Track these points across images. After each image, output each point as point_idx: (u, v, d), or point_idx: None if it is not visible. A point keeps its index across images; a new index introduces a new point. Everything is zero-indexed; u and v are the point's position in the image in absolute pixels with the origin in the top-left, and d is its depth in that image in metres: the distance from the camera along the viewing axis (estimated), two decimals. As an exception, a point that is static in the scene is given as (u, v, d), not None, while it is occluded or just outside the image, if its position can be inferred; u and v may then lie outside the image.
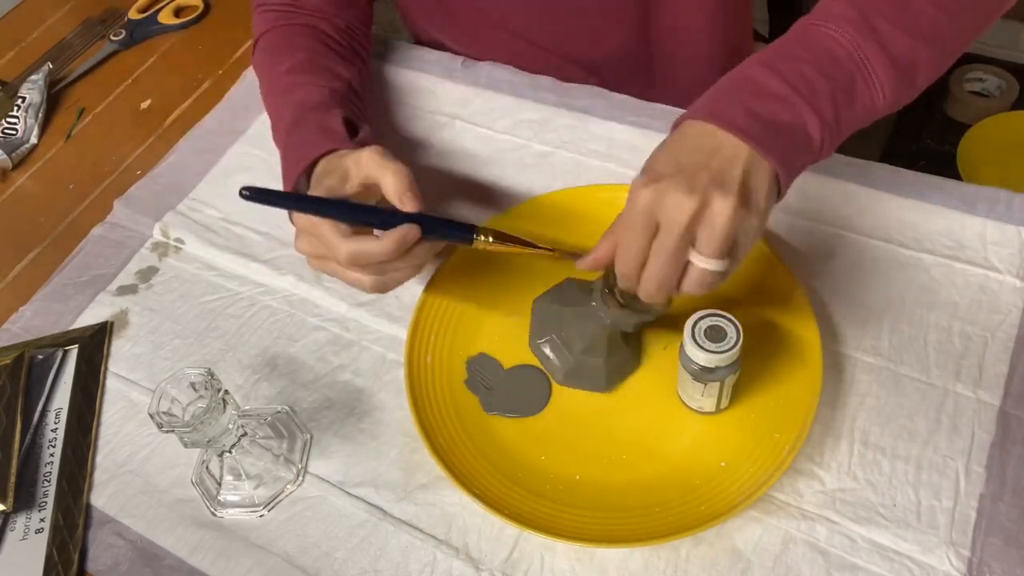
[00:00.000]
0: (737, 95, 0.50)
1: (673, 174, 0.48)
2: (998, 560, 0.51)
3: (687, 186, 0.47)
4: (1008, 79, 1.49)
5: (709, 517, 0.52)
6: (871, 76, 0.50)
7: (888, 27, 0.50)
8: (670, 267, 0.49)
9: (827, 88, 0.49)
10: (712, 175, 0.47)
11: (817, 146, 0.50)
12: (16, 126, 0.90)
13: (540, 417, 0.61)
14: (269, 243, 0.75)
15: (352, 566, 0.56)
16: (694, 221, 0.47)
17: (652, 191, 0.48)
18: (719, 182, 0.47)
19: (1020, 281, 0.62)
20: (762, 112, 0.49)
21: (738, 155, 0.48)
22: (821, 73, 0.50)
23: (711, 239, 0.47)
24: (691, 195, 0.47)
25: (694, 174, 0.47)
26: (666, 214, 0.48)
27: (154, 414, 0.52)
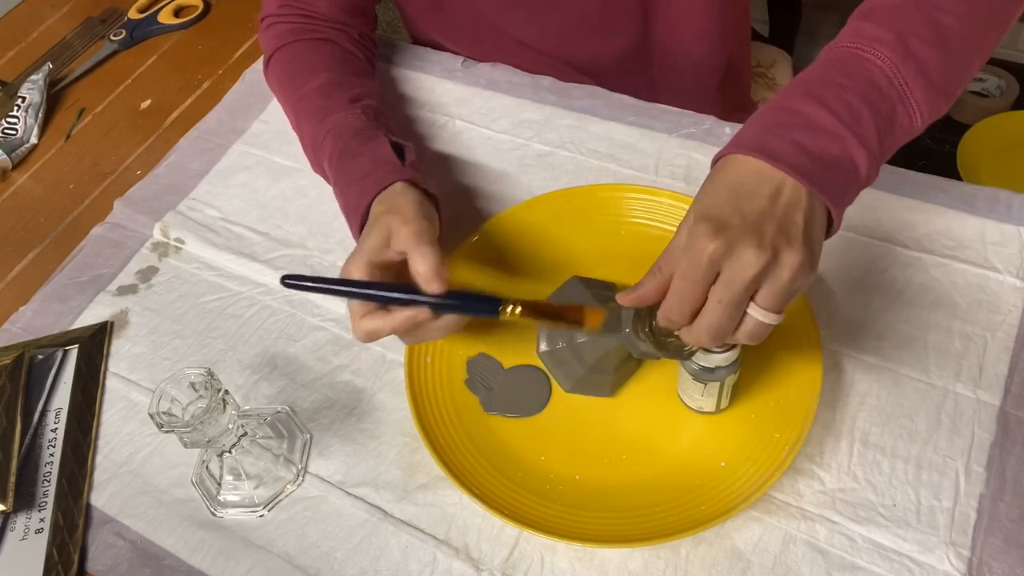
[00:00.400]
0: (785, 129, 0.49)
1: (741, 225, 0.46)
2: (998, 560, 0.51)
3: (757, 240, 0.45)
4: (1008, 79, 1.49)
5: (709, 517, 0.52)
6: (910, 101, 0.50)
7: (924, 48, 0.50)
8: (730, 319, 0.47)
9: (871, 117, 0.49)
10: (778, 226, 0.46)
11: (864, 178, 0.49)
12: (16, 126, 0.90)
13: (540, 417, 0.61)
14: (269, 243, 0.75)
15: (352, 566, 0.56)
16: (760, 274, 0.46)
17: (722, 244, 0.45)
18: (786, 234, 0.46)
19: (1020, 281, 0.62)
20: (813, 148, 0.48)
21: (799, 200, 0.47)
22: (864, 102, 0.49)
23: (774, 294, 0.46)
24: (761, 250, 0.45)
25: (761, 225, 0.46)
26: (733, 266, 0.46)
27: (154, 414, 0.52)
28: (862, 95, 0.49)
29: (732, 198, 0.47)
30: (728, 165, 0.49)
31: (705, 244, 0.46)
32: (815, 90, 0.50)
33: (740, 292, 0.46)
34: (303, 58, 0.75)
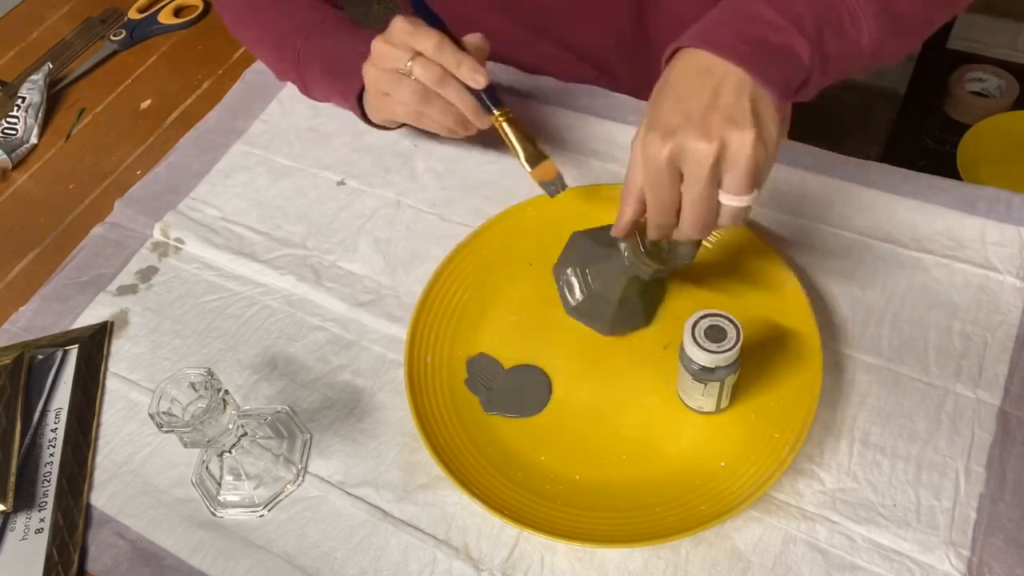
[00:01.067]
0: (729, 23, 0.51)
1: (686, 124, 0.48)
2: (998, 560, 0.51)
3: (702, 132, 0.48)
4: (1008, 79, 1.49)
5: (709, 517, 0.53)
6: (859, 15, 0.51)
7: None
8: (708, 211, 0.50)
9: (814, 17, 0.51)
10: (723, 114, 0.48)
11: (807, 67, 0.51)
12: (16, 126, 0.90)
13: (540, 417, 0.61)
14: (269, 243, 0.75)
15: (352, 566, 0.56)
16: (717, 164, 0.48)
17: (672, 145, 0.48)
18: (732, 120, 0.48)
19: (1020, 281, 0.62)
20: (753, 36, 0.50)
21: (742, 85, 0.49)
22: (809, 7, 0.51)
23: (737, 178, 0.49)
24: (710, 141, 0.48)
25: (706, 118, 0.48)
26: (688, 164, 0.49)
27: (154, 414, 0.52)
28: (809, 2, 0.51)
29: (676, 102, 0.50)
30: (675, 66, 0.52)
31: (657, 150, 0.49)
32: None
33: (705, 186, 0.49)
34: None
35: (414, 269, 0.70)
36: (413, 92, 0.63)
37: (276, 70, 0.80)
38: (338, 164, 0.79)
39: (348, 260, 0.72)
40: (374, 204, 0.76)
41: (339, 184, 0.78)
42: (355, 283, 0.71)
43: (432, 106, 0.64)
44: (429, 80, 0.62)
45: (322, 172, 0.79)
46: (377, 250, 0.72)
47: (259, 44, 0.80)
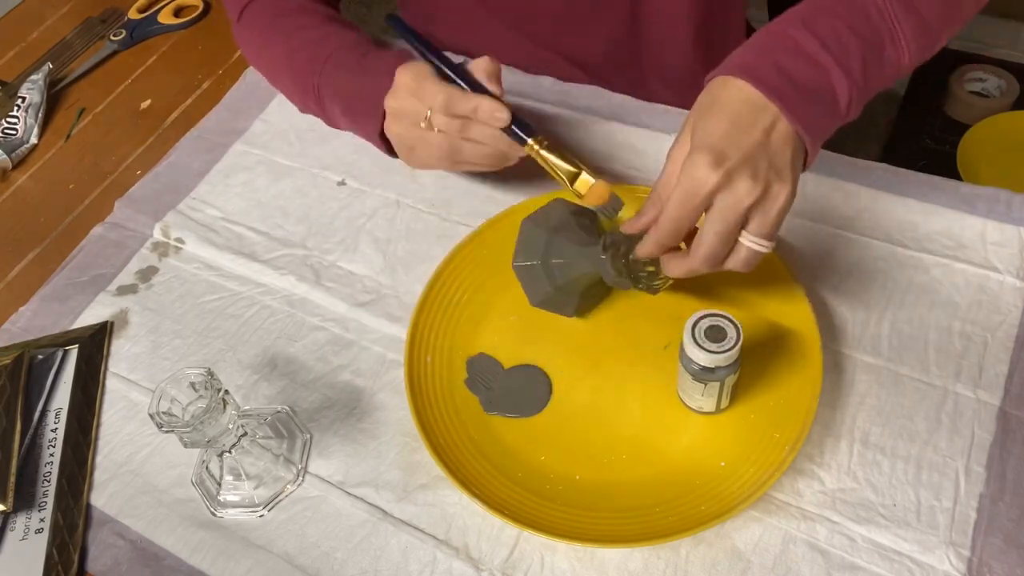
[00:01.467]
0: (771, 53, 0.51)
1: (738, 158, 0.48)
2: (998, 560, 0.51)
3: (752, 173, 0.48)
4: (1008, 79, 1.49)
5: (709, 517, 0.53)
6: (899, 35, 0.51)
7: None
8: (724, 246, 0.51)
9: (859, 47, 0.50)
10: (770, 161, 0.49)
11: (844, 110, 0.51)
12: (16, 126, 0.90)
13: (540, 417, 0.61)
14: (269, 243, 0.75)
15: (352, 566, 0.56)
16: (754, 206, 0.49)
17: (722, 176, 0.48)
18: (776, 169, 0.49)
19: (1020, 281, 0.62)
20: (795, 74, 0.50)
21: (789, 136, 0.49)
22: (854, 32, 0.51)
23: (766, 224, 0.49)
24: (756, 183, 0.48)
25: (756, 160, 0.49)
26: (728, 199, 0.49)
27: (154, 414, 0.52)
28: (852, 25, 0.51)
29: (730, 130, 0.49)
30: (720, 88, 0.51)
31: (706, 175, 0.48)
32: (808, 16, 0.52)
33: (734, 223, 0.49)
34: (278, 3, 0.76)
35: (414, 269, 0.70)
36: (440, 146, 0.62)
37: (298, 106, 0.78)
38: (338, 164, 0.80)
39: (348, 260, 0.72)
40: (374, 204, 0.76)
41: (339, 184, 0.78)
42: (355, 283, 0.71)
43: (463, 152, 0.63)
44: (452, 131, 0.61)
45: (322, 172, 0.79)
46: (377, 250, 0.72)
47: (278, 81, 0.79)
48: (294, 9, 0.76)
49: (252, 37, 0.79)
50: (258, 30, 0.78)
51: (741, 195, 0.48)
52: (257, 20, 0.77)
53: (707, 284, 0.65)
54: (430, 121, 0.61)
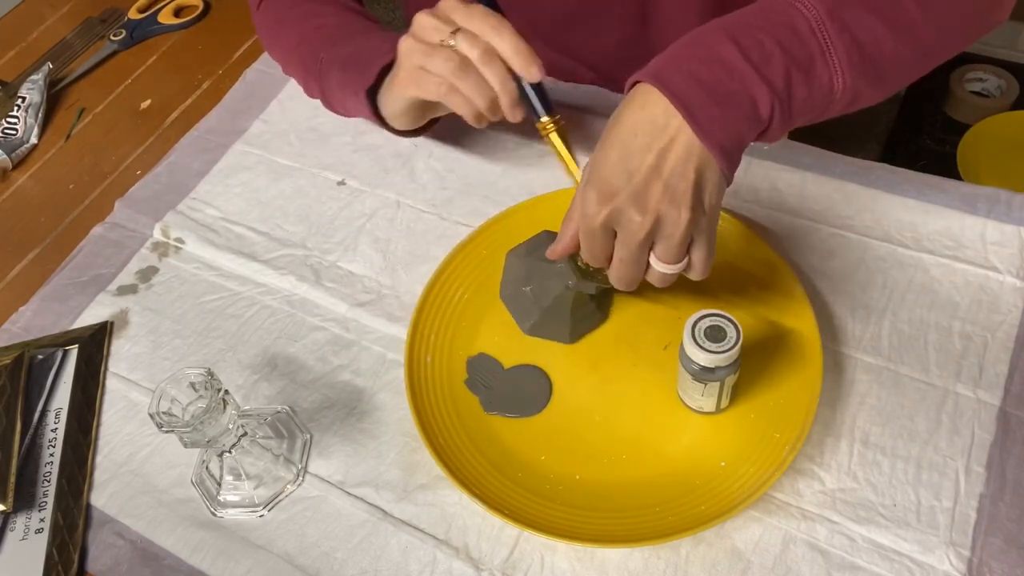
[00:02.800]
0: (687, 60, 0.49)
1: (626, 191, 0.48)
2: (998, 560, 0.51)
3: (641, 207, 0.48)
4: (1008, 79, 1.49)
5: (709, 517, 0.52)
6: (831, 57, 0.49)
7: (859, 12, 0.49)
8: (635, 270, 0.52)
9: (782, 59, 0.48)
10: (664, 184, 0.48)
11: (765, 119, 0.49)
12: (16, 126, 0.90)
13: (540, 417, 0.61)
14: (269, 243, 0.75)
15: (352, 566, 0.56)
16: (650, 235, 0.50)
17: (609, 212, 0.49)
18: (672, 194, 0.48)
19: (1020, 281, 0.62)
20: (710, 80, 0.48)
21: (690, 152, 0.47)
22: (779, 44, 0.48)
23: (667, 248, 0.50)
24: (644, 215, 0.48)
25: (647, 189, 0.48)
26: (622, 230, 0.50)
27: (154, 414, 0.52)
28: (777, 38, 0.48)
29: (621, 158, 0.49)
30: (629, 104, 0.50)
31: (594, 212, 0.50)
32: (730, 27, 0.50)
33: (635, 251, 0.50)
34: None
35: (414, 269, 0.70)
36: (449, 60, 0.58)
37: (305, 88, 0.77)
38: (338, 164, 0.80)
39: (348, 260, 0.72)
40: (374, 204, 0.76)
41: (339, 184, 0.78)
42: (355, 283, 0.71)
43: (467, 80, 0.58)
44: (473, 53, 0.58)
45: (322, 172, 0.79)
46: (377, 250, 0.72)
47: (288, 63, 0.79)
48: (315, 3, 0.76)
49: (269, 23, 0.79)
50: (276, 16, 0.78)
51: (633, 228, 0.49)
52: (278, 6, 0.78)
53: (707, 284, 0.64)
54: (455, 36, 0.58)
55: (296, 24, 0.76)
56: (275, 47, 0.80)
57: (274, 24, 0.78)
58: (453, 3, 0.60)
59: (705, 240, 0.51)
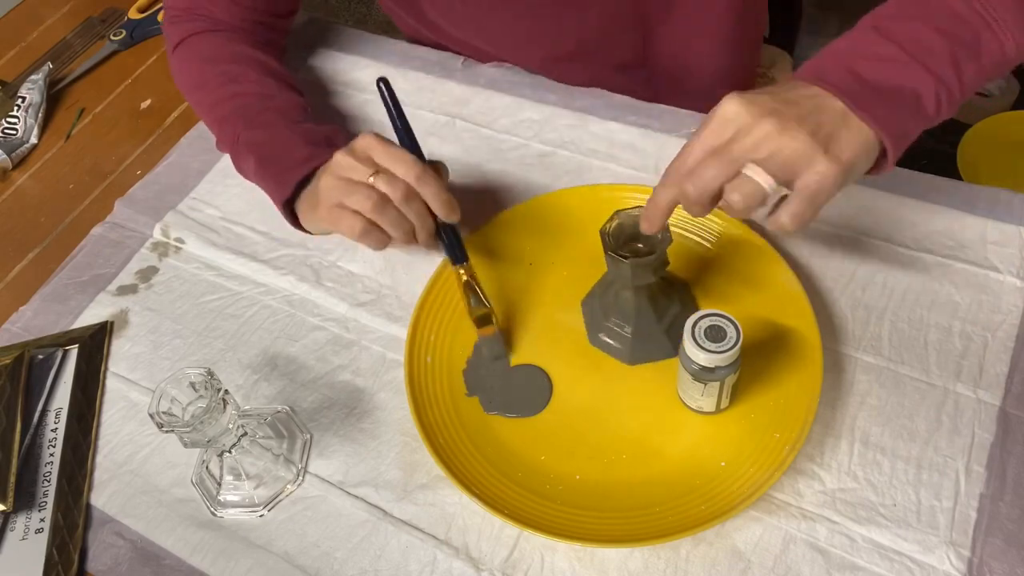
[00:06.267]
0: (844, 58, 0.49)
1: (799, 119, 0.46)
2: (998, 560, 0.51)
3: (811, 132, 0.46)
4: (1008, 79, 1.49)
5: (709, 517, 0.52)
6: (997, 24, 0.48)
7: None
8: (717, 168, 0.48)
9: (946, 46, 0.47)
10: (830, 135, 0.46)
11: (931, 109, 0.48)
12: (16, 126, 0.90)
13: (540, 417, 0.61)
14: (269, 243, 0.75)
15: (352, 566, 0.56)
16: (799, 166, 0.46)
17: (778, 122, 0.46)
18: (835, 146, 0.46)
19: (1020, 281, 0.62)
20: (870, 77, 0.47)
21: (839, 115, 0.47)
22: (938, 32, 0.48)
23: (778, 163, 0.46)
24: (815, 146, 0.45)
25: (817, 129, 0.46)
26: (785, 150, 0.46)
27: (154, 414, 0.52)
28: (936, 25, 0.48)
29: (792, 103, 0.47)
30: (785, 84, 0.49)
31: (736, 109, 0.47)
32: (883, 23, 0.49)
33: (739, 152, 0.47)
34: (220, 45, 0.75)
35: (414, 269, 0.70)
36: (369, 199, 0.58)
37: (217, 145, 0.76)
38: (338, 164, 0.80)
39: (348, 260, 0.72)
40: (374, 204, 0.76)
41: (339, 184, 0.78)
42: (355, 283, 0.71)
43: (386, 216, 0.59)
44: (395, 194, 0.58)
45: (322, 172, 0.79)
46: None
47: (203, 117, 0.77)
48: (232, 56, 0.74)
49: (185, 73, 0.77)
50: (192, 69, 0.76)
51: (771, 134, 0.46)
52: (194, 56, 0.76)
53: (707, 284, 0.65)
54: (373, 182, 0.58)
55: (214, 86, 0.74)
56: (190, 97, 0.79)
57: (189, 77, 0.77)
58: (372, 142, 0.59)
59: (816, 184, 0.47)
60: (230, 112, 0.72)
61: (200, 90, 0.76)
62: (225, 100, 0.72)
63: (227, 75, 0.73)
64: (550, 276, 0.67)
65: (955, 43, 0.48)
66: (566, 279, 0.67)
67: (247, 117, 0.70)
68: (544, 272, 0.68)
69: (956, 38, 0.48)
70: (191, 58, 0.76)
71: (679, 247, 0.65)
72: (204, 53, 0.75)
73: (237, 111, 0.71)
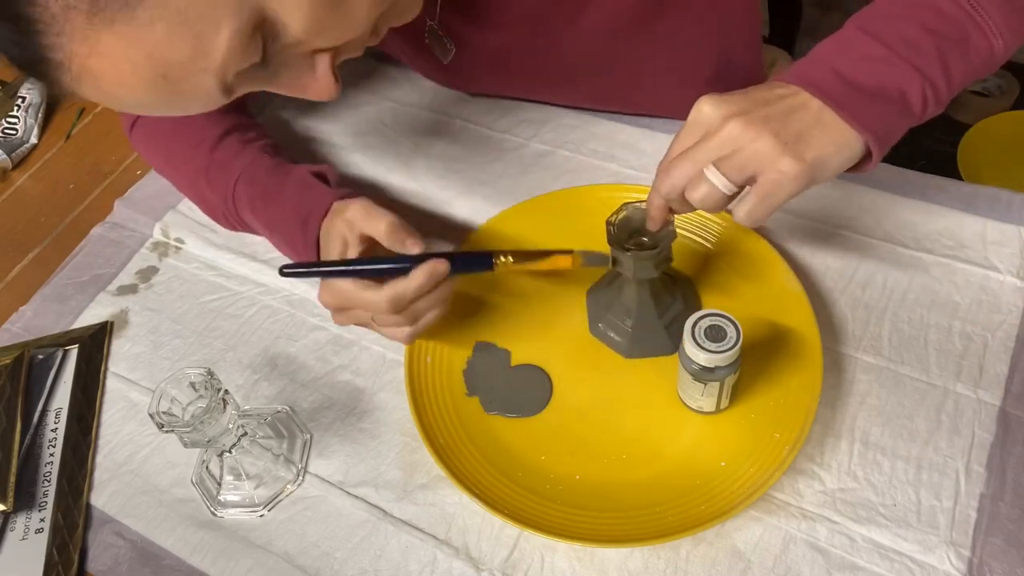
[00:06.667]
0: (827, 59, 0.49)
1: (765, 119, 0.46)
2: (998, 560, 0.51)
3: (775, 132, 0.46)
4: (1008, 79, 1.49)
5: (709, 517, 0.52)
6: (985, 22, 0.48)
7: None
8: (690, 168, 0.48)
9: (933, 44, 0.47)
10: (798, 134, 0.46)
11: (917, 107, 0.48)
12: (16, 126, 0.90)
13: (540, 417, 0.61)
14: (269, 243, 0.74)
15: (352, 566, 0.56)
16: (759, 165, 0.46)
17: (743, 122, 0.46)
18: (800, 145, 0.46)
19: (1020, 281, 0.62)
20: (854, 77, 0.47)
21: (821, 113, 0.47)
22: (925, 29, 0.48)
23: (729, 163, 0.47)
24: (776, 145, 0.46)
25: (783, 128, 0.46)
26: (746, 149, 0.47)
27: (154, 414, 0.52)
28: (922, 23, 0.48)
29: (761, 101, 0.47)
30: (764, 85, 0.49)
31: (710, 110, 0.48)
32: (867, 22, 0.49)
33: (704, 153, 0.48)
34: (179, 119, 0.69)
35: (414, 269, 0.70)
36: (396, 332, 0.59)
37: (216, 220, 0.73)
38: (338, 164, 0.79)
39: (348, 260, 0.72)
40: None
41: (339, 184, 0.78)
42: (355, 283, 0.70)
43: (421, 323, 0.59)
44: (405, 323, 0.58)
45: (322, 172, 0.79)
46: (377, 250, 0.72)
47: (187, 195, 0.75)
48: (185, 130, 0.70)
49: (150, 148, 0.74)
50: (154, 149, 0.73)
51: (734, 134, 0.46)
52: (153, 135, 0.73)
53: (707, 283, 0.65)
54: (378, 322, 0.58)
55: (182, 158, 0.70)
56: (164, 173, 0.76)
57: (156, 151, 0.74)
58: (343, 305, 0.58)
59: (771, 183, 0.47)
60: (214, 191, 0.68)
61: (170, 168, 0.73)
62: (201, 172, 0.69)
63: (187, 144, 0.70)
64: (550, 276, 0.67)
65: (942, 41, 0.48)
66: (566, 278, 0.67)
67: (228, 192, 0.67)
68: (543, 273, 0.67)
69: (944, 36, 0.48)
70: (149, 133, 0.73)
71: (679, 247, 0.65)
72: (166, 127, 0.72)
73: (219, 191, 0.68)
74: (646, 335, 0.61)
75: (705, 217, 0.67)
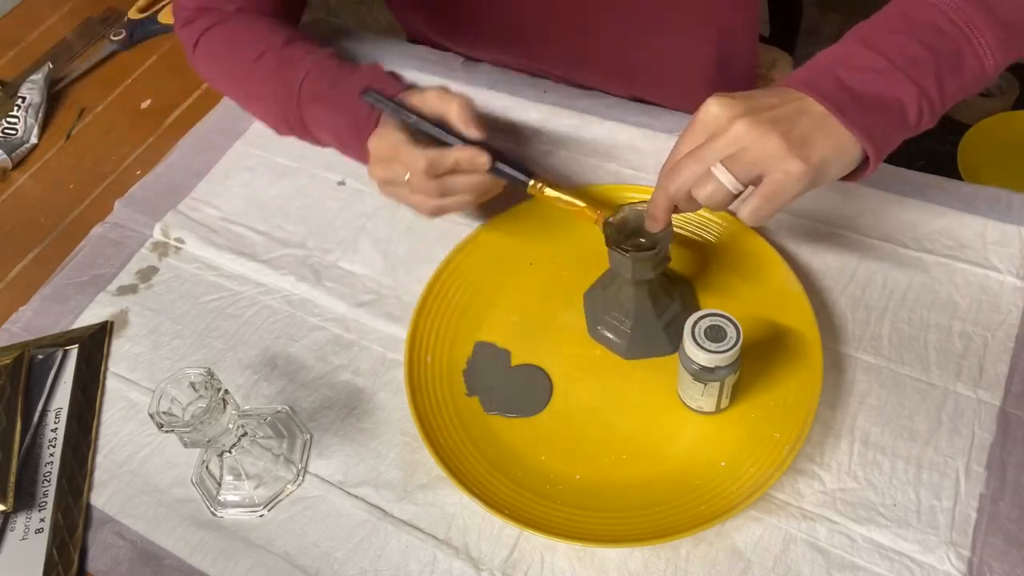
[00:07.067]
0: (830, 68, 0.50)
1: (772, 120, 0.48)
2: (998, 560, 0.51)
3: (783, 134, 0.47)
4: (1008, 79, 1.49)
5: (709, 517, 0.53)
6: (978, 41, 0.49)
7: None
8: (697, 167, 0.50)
9: (930, 58, 0.49)
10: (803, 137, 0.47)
11: (913, 119, 0.50)
12: (16, 126, 0.90)
13: (540, 417, 0.61)
14: (269, 243, 0.75)
15: (352, 566, 0.56)
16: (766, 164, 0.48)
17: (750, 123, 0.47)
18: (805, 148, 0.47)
19: (1020, 281, 0.62)
20: (855, 85, 0.49)
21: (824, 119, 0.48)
22: (922, 44, 0.49)
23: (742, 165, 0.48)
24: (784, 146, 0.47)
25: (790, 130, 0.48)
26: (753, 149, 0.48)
27: (154, 414, 0.52)
28: (920, 38, 0.49)
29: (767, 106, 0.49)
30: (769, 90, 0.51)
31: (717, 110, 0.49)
32: (868, 36, 0.51)
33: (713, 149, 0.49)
34: (243, 29, 0.74)
35: (414, 269, 0.70)
36: (422, 204, 0.62)
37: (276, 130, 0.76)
38: (338, 164, 0.79)
39: (348, 260, 0.72)
40: (374, 204, 0.76)
41: (339, 184, 0.78)
42: (355, 283, 0.71)
43: (447, 206, 0.62)
44: (433, 192, 0.61)
45: (322, 172, 0.79)
46: (377, 250, 0.72)
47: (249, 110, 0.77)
48: (250, 39, 0.73)
49: (212, 68, 0.77)
50: (217, 61, 0.76)
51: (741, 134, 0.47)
52: (215, 50, 0.75)
53: (707, 283, 0.65)
54: (410, 183, 0.61)
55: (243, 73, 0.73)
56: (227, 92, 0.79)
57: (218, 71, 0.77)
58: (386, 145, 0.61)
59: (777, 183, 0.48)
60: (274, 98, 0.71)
61: (232, 84, 0.76)
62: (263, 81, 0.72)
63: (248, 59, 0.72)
64: (550, 276, 0.67)
65: (938, 56, 0.49)
66: (566, 279, 0.67)
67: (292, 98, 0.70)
68: (544, 272, 0.68)
69: (939, 52, 0.49)
70: (214, 50, 0.76)
71: (678, 247, 0.65)
72: (229, 38, 0.75)
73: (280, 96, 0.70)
74: (645, 336, 0.61)
75: (705, 217, 0.67)
